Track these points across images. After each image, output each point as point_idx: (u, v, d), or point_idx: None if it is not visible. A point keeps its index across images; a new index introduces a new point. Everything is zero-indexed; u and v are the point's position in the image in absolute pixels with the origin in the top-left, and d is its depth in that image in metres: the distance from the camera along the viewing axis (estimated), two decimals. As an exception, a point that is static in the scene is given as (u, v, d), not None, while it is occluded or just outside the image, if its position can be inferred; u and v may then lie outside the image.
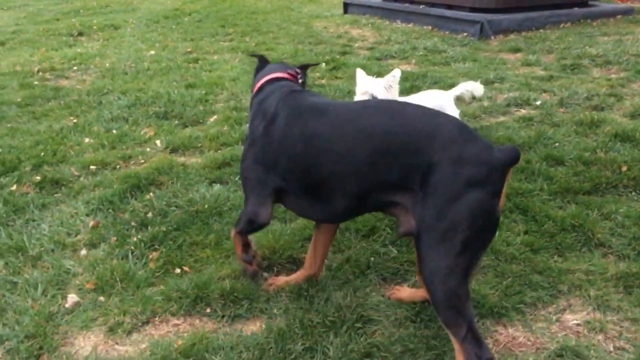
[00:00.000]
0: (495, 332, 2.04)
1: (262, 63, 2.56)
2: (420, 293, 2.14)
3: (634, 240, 2.51)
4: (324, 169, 1.90)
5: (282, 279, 2.34)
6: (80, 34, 8.41)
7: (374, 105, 2.04)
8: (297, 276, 2.33)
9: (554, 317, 2.10)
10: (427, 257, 1.70)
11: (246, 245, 2.30)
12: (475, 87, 3.34)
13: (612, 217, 2.70)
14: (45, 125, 4.34)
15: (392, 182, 1.80)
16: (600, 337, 2.00)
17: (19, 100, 5.01)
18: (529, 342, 1.99)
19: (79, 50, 7.22)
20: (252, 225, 2.18)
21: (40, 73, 6.04)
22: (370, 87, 2.88)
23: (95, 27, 8.80)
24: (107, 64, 6.36)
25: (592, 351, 1.92)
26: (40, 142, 3.95)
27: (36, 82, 5.65)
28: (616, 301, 2.16)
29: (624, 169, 3.12)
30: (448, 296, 1.66)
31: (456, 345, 1.68)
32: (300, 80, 2.39)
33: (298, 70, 2.39)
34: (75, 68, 6.27)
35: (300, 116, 2.02)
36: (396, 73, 2.96)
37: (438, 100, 3.21)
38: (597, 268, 2.34)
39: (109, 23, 9.12)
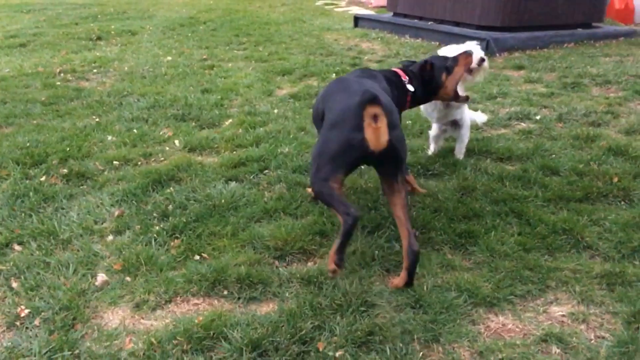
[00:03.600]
0: (487, 319, 2.24)
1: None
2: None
3: (620, 244, 2.71)
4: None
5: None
6: (99, 38, 8.71)
7: (349, 79, 2.74)
8: None
9: (542, 309, 2.30)
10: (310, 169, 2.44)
11: None
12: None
13: (600, 223, 2.90)
14: (69, 123, 4.58)
15: None
16: (582, 326, 2.20)
17: (43, 99, 5.26)
18: (517, 329, 2.19)
19: (98, 53, 7.51)
20: None
21: (62, 74, 6.32)
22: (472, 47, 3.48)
23: (113, 32, 9.10)
24: (126, 68, 6.62)
25: (574, 338, 2.12)
26: (65, 138, 4.19)
27: (58, 83, 5.91)
28: (599, 297, 2.36)
29: (615, 180, 3.32)
30: (319, 193, 2.35)
31: (338, 217, 2.31)
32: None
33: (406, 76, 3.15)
34: (95, 71, 6.54)
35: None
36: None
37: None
38: (584, 267, 2.54)
39: (126, 29, 9.42)
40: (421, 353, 2.04)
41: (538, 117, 4.59)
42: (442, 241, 2.76)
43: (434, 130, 3.80)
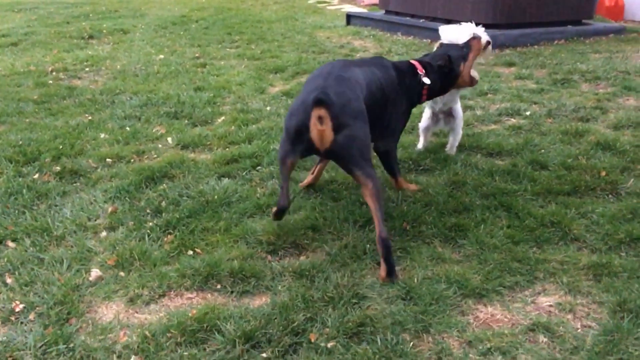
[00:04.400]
0: (476, 310, 2.28)
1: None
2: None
3: (607, 236, 2.75)
4: None
5: None
6: (91, 37, 8.70)
7: (328, 67, 2.82)
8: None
9: (530, 299, 2.34)
10: None
11: None
12: None
13: (588, 216, 2.95)
14: (62, 121, 4.59)
15: None
16: (569, 316, 2.24)
17: (35, 97, 5.26)
18: (505, 319, 2.23)
19: (90, 52, 7.50)
20: None
21: (54, 73, 6.31)
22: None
23: (105, 31, 9.08)
24: (118, 66, 6.62)
25: (561, 327, 2.16)
26: (58, 136, 4.20)
27: (50, 81, 5.91)
28: (586, 287, 2.40)
29: (603, 174, 3.37)
30: (278, 162, 2.70)
31: None
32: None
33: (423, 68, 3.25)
34: (87, 69, 6.54)
35: None
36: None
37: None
38: (571, 259, 2.58)
39: (118, 27, 9.41)
40: (411, 343, 2.08)
41: (528, 113, 4.63)
42: (432, 235, 2.80)
43: (424, 121, 3.81)
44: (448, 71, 3.26)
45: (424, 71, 3.18)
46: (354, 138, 2.51)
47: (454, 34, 3.56)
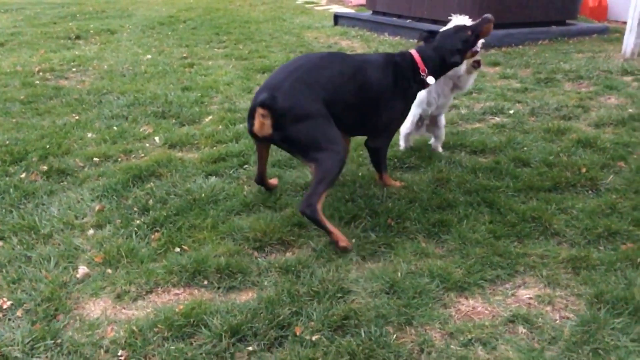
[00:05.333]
0: (458, 302, 2.33)
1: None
2: None
3: (586, 231, 2.82)
4: None
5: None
6: (78, 37, 8.66)
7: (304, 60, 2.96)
8: None
9: (510, 292, 2.40)
10: None
11: None
12: None
13: (568, 211, 3.01)
14: (48, 121, 4.59)
15: None
16: (548, 308, 2.30)
17: (22, 97, 5.25)
18: (486, 311, 2.28)
19: (77, 52, 7.47)
20: None
21: (41, 73, 6.29)
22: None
23: (92, 32, 9.06)
24: (105, 66, 6.62)
25: (540, 318, 2.22)
26: (45, 135, 4.20)
27: (37, 82, 5.89)
28: (565, 280, 2.47)
29: (583, 170, 3.44)
30: None
31: None
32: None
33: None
34: (74, 69, 6.52)
35: None
36: None
37: None
38: (551, 253, 2.65)
39: (105, 28, 9.38)
40: (395, 335, 2.12)
41: (512, 112, 4.71)
42: (416, 230, 2.85)
43: (406, 127, 3.77)
44: (456, 63, 3.25)
45: (426, 71, 3.13)
46: (287, 138, 2.72)
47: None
